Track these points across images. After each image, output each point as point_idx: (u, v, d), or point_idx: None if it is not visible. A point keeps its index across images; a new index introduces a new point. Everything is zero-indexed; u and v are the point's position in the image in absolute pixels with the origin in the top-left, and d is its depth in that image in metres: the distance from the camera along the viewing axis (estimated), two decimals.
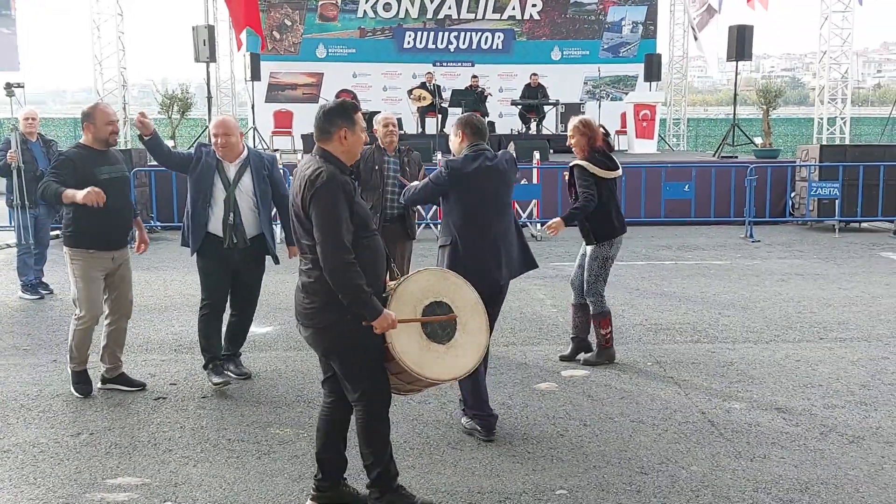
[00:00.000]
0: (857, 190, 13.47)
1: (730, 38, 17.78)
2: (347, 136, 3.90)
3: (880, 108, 47.90)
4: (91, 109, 5.77)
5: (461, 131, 5.22)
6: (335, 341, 3.90)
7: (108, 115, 5.77)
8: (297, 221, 3.91)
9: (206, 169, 5.92)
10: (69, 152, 5.77)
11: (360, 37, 22.11)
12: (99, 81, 18.34)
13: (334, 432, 4.14)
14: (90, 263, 5.71)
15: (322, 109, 3.99)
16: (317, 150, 3.96)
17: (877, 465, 4.61)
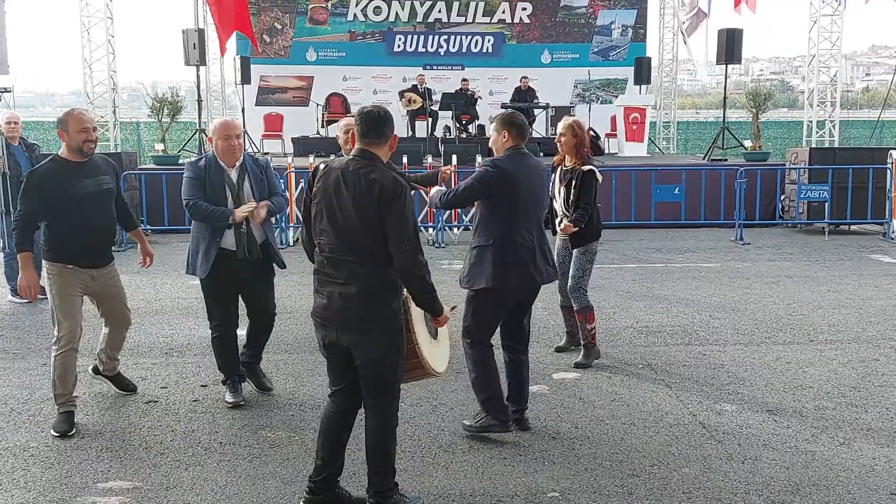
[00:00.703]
0: (847, 192, 13.52)
1: (719, 41, 17.83)
2: (393, 143, 4.04)
3: (869, 111, 48.12)
4: (64, 116, 5.27)
5: (505, 130, 5.14)
6: (387, 344, 3.97)
7: (81, 121, 5.25)
8: (350, 226, 3.87)
9: (216, 181, 5.53)
10: (37, 171, 5.26)
11: (351, 40, 22.10)
12: (89, 84, 18.28)
13: (343, 437, 4.15)
14: (67, 279, 5.29)
15: (378, 112, 4.00)
16: (364, 154, 3.94)
17: (868, 467, 4.63)
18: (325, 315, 3.99)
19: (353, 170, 3.89)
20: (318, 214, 3.99)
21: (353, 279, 3.89)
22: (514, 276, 5.04)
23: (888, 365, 6.54)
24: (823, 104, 19.77)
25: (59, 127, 5.24)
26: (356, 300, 3.89)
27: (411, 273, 3.90)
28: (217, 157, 5.59)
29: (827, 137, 19.57)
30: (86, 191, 5.25)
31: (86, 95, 18.40)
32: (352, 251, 3.88)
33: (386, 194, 3.81)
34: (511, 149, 5.13)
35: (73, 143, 5.23)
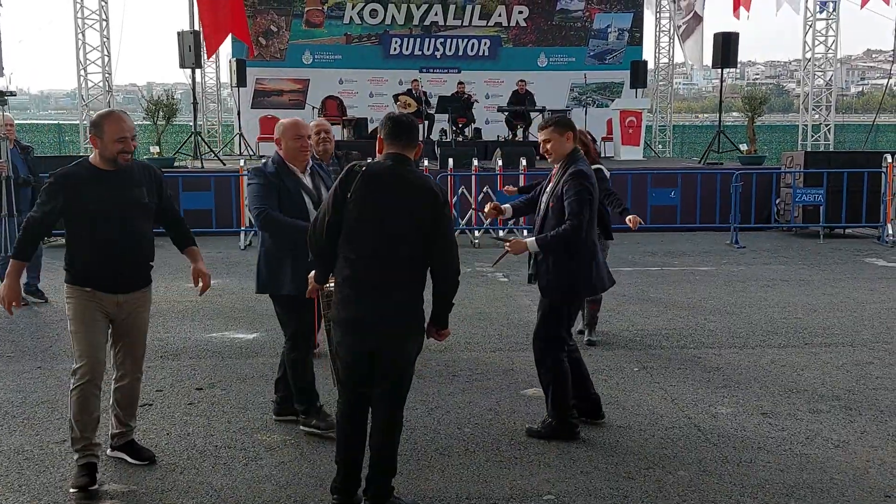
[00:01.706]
0: (842, 196, 13.55)
1: (715, 45, 17.88)
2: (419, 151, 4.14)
3: (864, 116, 48.18)
4: (100, 119, 4.49)
5: (570, 132, 5.13)
6: (418, 346, 4.07)
7: (120, 127, 4.46)
8: (400, 230, 3.87)
9: (292, 187, 5.03)
10: (61, 175, 4.47)
11: (347, 43, 22.13)
12: (83, 87, 18.27)
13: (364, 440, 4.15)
14: (87, 304, 4.51)
15: (408, 118, 4.07)
16: (404, 158, 3.97)
17: (862, 470, 4.64)
18: (364, 322, 3.92)
19: (397, 174, 3.90)
20: (359, 219, 3.89)
21: (398, 285, 3.90)
22: (597, 283, 5.19)
23: (882, 368, 6.55)
24: (819, 108, 19.84)
25: (93, 131, 4.49)
26: (402, 306, 3.93)
27: (455, 278, 4.00)
28: (286, 161, 5.09)
29: (822, 141, 19.63)
30: (114, 204, 4.46)
31: (80, 98, 18.41)
32: (396, 255, 3.88)
33: (438, 199, 3.90)
34: (575, 152, 5.14)
35: (107, 151, 4.46)
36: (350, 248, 3.93)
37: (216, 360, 6.87)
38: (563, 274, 5.06)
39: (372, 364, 4.00)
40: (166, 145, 18.05)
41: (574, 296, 5.18)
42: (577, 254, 5.04)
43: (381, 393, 4.04)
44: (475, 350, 7.10)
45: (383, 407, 4.05)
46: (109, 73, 18.25)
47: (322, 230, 4.00)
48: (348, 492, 4.10)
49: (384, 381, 4.01)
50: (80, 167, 4.53)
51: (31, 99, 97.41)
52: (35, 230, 4.51)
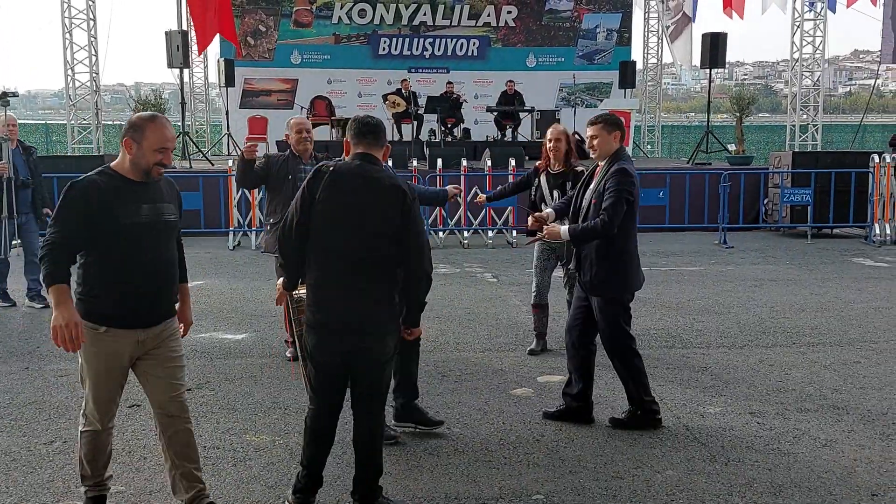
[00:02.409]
0: (829, 196, 13.62)
1: (703, 45, 17.94)
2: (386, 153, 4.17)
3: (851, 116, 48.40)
4: (141, 122, 3.84)
5: (618, 131, 5.21)
6: (393, 345, 4.02)
7: (164, 137, 3.84)
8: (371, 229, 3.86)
9: None
10: (81, 184, 3.74)
11: (335, 43, 22.10)
12: (71, 86, 18.18)
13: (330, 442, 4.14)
14: (104, 347, 3.82)
15: (374, 119, 4.10)
16: (372, 158, 3.98)
17: (849, 469, 4.66)
18: (338, 324, 3.87)
19: (365, 174, 3.89)
20: (329, 220, 3.87)
21: (369, 285, 3.87)
22: (638, 278, 5.31)
23: (869, 367, 6.59)
24: (806, 108, 19.93)
25: (130, 135, 3.82)
26: (375, 306, 3.88)
27: (426, 276, 3.98)
28: None
29: (810, 141, 19.71)
30: (142, 220, 3.82)
31: (68, 97, 18.31)
32: (366, 255, 3.85)
33: (407, 198, 3.88)
34: (620, 151, 5.21)
35: (143, 160, 3.81)
36: (319, 248, 3.91)
37: (204, 360, 6.85)
38: (608, 269, 5.16)
39: (347, 368, 3.95)
40: None
41: (623, 287, 5.26)
42: (621, 250, 5.16)
43: (360, 394, 4.01)
44: (464, 350, 7.11)
45: (363, 409, 4.02)
46: (97, 72, 18.16)
47: (291, 233, 3.97)
48: (310, 492, 4.11)
49: (363, 382, 3.98)
50: (104, 175, 3.81)
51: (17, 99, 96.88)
52: (59, 253, 3.66)
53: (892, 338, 7.46)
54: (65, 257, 3.69)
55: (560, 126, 6.96)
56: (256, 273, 10.48)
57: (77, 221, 3.69)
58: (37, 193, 8.88)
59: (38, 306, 8.66)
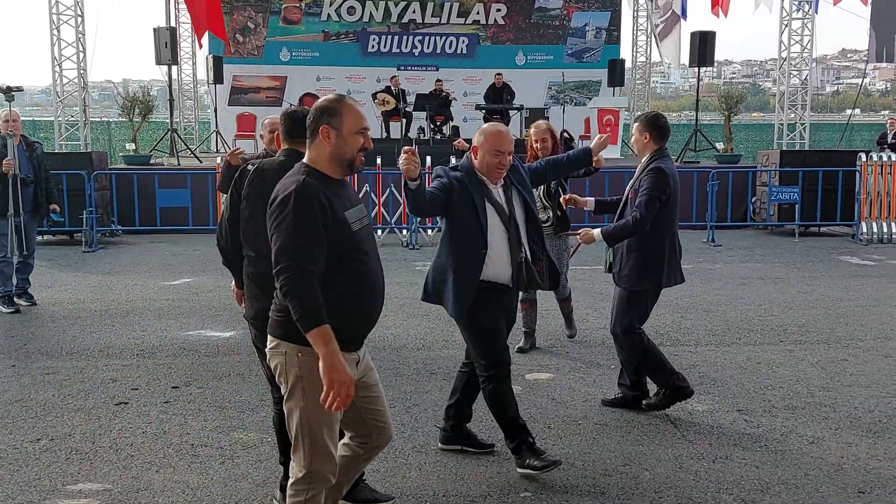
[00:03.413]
0: (817, 195, 13.67)
1: (692, 44, 17.98)
2: None
3: (839, 115, 48.66)
4: (335, 104, 3.31)
5: (647, 132, 5.35)
6: None
7: (361, 115, 3.34)
8: None
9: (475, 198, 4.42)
10: (308, 189, 3.16)
11: (324, 40, 22.03)
12: (58, 83, 18.08)
13: None
14: None
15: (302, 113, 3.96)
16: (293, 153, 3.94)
17: (836, 466, 4.68)
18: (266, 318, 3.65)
19: (285, 170, 3.66)
20: (251, 217, 3.92)
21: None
22: (674, 276, 5.40)
23: (856, 365, 6.62)
24: (794, 107, 20.00)
25: (326, 121, 3.27)
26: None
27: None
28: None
29: (798, 140, 19.79)
30: (360, 225, 3.36)
31: (55, 94, 18.22)
32: None
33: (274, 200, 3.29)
34: (658, 151, 5.36)
35: (346, 149, 3.29)
36: (248, 246, 3.97)
37: (192, 358, 6.83)
38: (634, 264, 5.29)
39: None
40: (142, 142, 17.95)
41: (645, 282, 5.32)
42: (649, 247, 5.27)
43: None
44: (452, 348, 7.10)
45: None
46: (84, 69, 18.06)
47: (225, 230, 4.08)
48: None
49: None
50: (312, 175, 3.25)
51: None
52: (313, 288, 3.10)
53: (878, 336, 7.50)
54: (318, 285, 3.12)
55: (542, 124, 6.95)
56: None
57: (318, 231, 3.14)
58: (40, 190, 8.65)
59: (25, 304, 8.60)
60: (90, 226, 12.46)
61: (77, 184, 12.62)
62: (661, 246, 5.31)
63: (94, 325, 7.89)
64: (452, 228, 4.43)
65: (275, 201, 3.19)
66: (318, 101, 3.41)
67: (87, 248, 12.34)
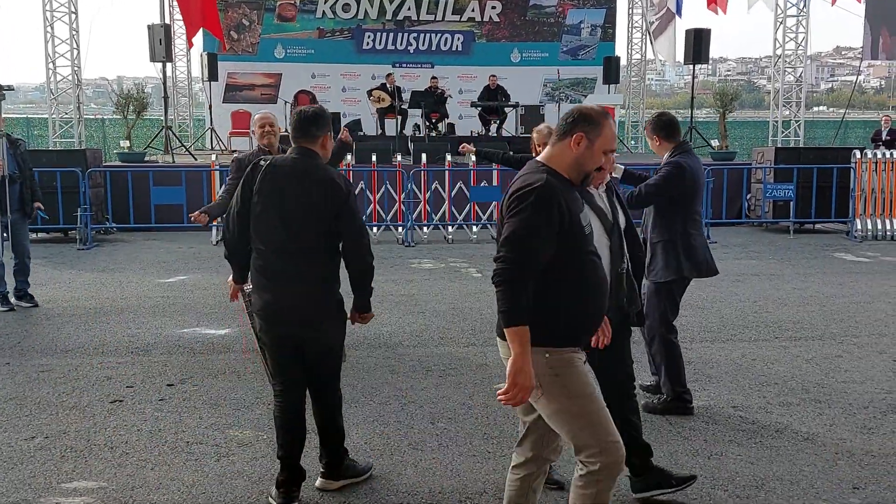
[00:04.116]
0: (811, 192, 13.70)
1: (687, 41, 17.99)
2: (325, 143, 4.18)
3: (834, 112, 48.79)
4: (599, 117, 3.26)
5: (655, 135, 5.43)
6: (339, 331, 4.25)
7: (614, 139, 3.34)
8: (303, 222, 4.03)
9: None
10: (548, 188, 3.11)
11: (319, 37, 21.99)
12: (52, 80, 18.03)
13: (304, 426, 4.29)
14: (577, 365, 3.25)
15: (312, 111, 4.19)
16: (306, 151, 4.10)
17: (831, 462, 4.69)
18: (279, 311, 4.07)
19: (300, 168, 4.04)
20: (263, 211, 4.04)
21: (305, 273, 4.02)
22: (702, 265, 5.41)
23: (851, 361, 6.63)
24: (789, 104, 20.01)
25: (583, 127, 3.22)
26: (310, 293, 4.04)
27: (365, 265, 4.11)
28: None
29: (792, 137, 19.80)
30: (588, 228, 3.30)
31: (49, 91, 18.16)
32: (301, 246, 4.01)
33: (339, 192, 4.00)
34: (678, 147, 5.40)
35: (589, 162, 3.26)
36: (258, 240, 4.09)
37: (187, 355, 6.82)
38: (657, 256, 5.35)
39: (296, 352, 4.15)
40: (137, 140, 17.90)
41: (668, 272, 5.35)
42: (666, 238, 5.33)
43: (311, 377, 4.22)
44: (448, 345, 7.11)
45: (318, 387, 4.25)
46: (79, 66, 18.01)
47: (233, 223, 4.17)
48: (292, 485, 4.19)
49: (312, 365, 4.19)
50: (551, 175, 3.18)
51: None
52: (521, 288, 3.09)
53: (873, 332, 7.51)
54: (531, 285, 3.10)
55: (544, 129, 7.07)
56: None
57: (548, 236, 3.10)
58: (26, 188, 8.60)
59: (27, 305, 8.53)
60: (84, 223, 12.44)
61: (71, 181, 12.59)
62: (676, 240, 5.33)
63: (88, 322, 7.87)
64: None
65: (515, 193, 3.14)
66: (583, 105, 3.38)
67: (81, 246, 12.32)
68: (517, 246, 3.06)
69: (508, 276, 3.07)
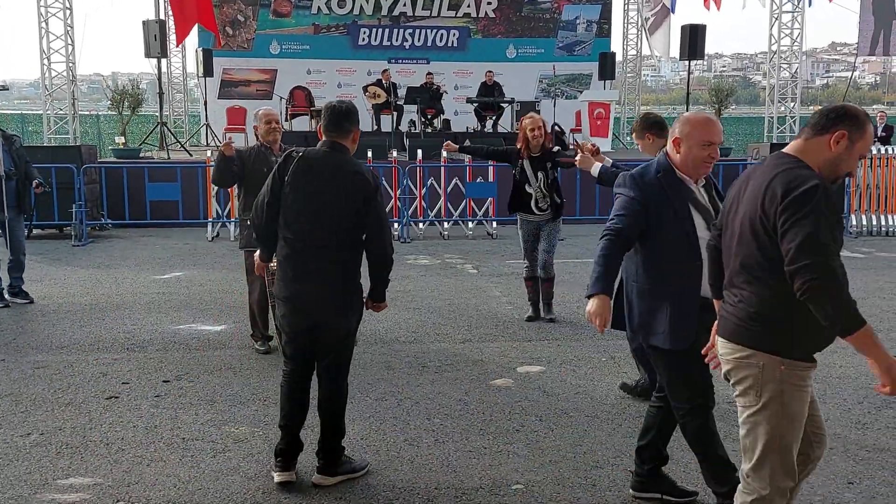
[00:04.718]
0: None
1: (682, 37, 18.00)
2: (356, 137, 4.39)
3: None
4: (864, 118, 3.06)
5: (647, 133, 5.56)
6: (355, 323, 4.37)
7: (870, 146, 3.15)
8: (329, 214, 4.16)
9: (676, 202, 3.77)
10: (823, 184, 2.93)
11: (315, 33, 21.97)
12: (47, 76, 18.00)
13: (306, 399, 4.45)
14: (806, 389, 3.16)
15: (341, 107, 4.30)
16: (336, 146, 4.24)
17: (825, 457, 4.67)
18: (302, 300, 4.22)
19: (331, 162, 4.17)
20: (293, 203, 4.19)
21: (334, 264, 4.18)
22: None
23: (845, 357, 6.63)
24: (784, 100, 20.05)
25: (847, 125, 3.01)
26: (337, 284, 4.20)
27: (387, 258, 4.27)
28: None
29: (788, 133, 19.85)
30: None
31: (44, 87, 18.13)
32: (329, 238, 4.16)
33: (370, 185, 4.15)
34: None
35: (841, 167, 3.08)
36: (287, 229, 4.24)
37: (183, 351, 6.82)
38: None
39: (312, 337, 4.29)
40: (132, 136, 17.90)
41: None
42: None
43: (324, 366, 4.34)
44: (444, 341, 7.11)
45: (327, 378, 4.34)
46: (73, 62, 17.97)
47: (262, 212, 4.31)
48: (290, 455, 4.37)
49: (325, 354, 4.31)
50: (800, 167, 3.01)
51: None
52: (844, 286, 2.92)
53: None
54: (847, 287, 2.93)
55: (537, 118, 7.54)
56: (235, 264, 10.41)
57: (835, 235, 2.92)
58: (21, 184, 8.56)
59: (22, 302, 8.51)
60: (80, 220, 12.41)
61: (66, 177, 12.56)
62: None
63: (84, 319, 7.86)
64: (654, 244, 3.79)
65: (793, 193, 2.88)
66: (847, 104, 3.15)
67: (76, 243, 12.30)
68: (823, 251, 2.82)
69: (828, 284, 2.83)
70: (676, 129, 3.80)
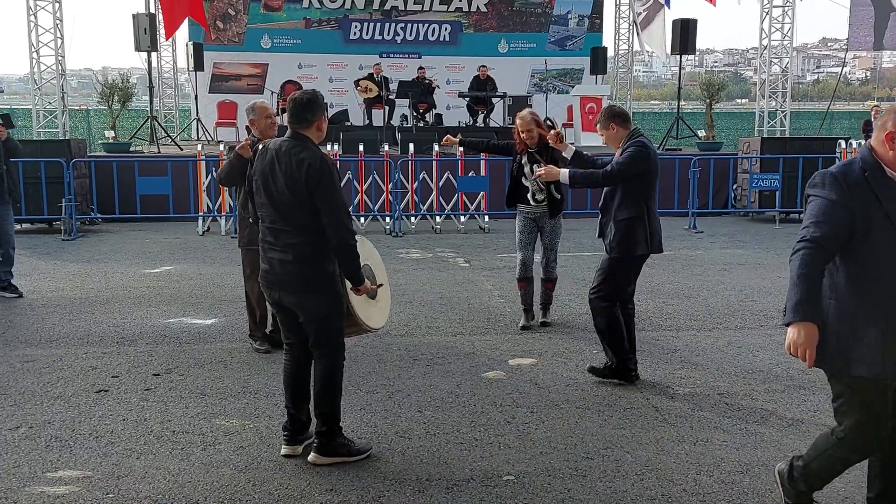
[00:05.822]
0: (797, 182, 13.73)
1: (674, 32, 17.99)
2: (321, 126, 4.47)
3: (819, 103, 48.97)
4: None
5: (612, 123, 5.68)
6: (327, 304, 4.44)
7: None
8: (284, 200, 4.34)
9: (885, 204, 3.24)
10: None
11: (306, 27, 21.89)
12: (36, 70, 17.90)
13: (305, 385, 4.63)
14: None
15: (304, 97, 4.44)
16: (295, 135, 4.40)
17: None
18: (270, 279, 4.49)
19: (284, 150, 4.37)
20: (257, 190, 4.47)
21: (289, 247, 4.37)
22: (655, 240, 5.71)
23: None
24: (775, 95, 20.08)
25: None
26: (292, 266, 4.37)
27: (343, 240, 4.30)
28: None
29: (778, 128, 19.88)
30: None
31: (33, 81, 18.03)
32: (286, 222, 4.36)
33: (314, 171, 4.26)
34: (633, 133, 5.70)
35: None
36: (259, 215, 4.54)
37: (173, 345, 6.80)
38: (623, 233, 5.64)
39: (293, 313, 4.50)
40: (122, 130, 17.79)
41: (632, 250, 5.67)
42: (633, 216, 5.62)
43: (310, 347, 4.55)
44: (436, 334, 7.11)
45: (315, 360, 4.56)
46: (63, 56, 17.88)
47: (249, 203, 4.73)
48: (294, 432, 4.62)
49: (311, 338, 4.50)
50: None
51: None
52: None
53: None
54: None
55: (527, 115, 7.26)
56: (226, 258, 10.40)
57: None
58: (7, 176, 8.47)
59: (10, 296, 8.45)
60: (69, 214, 12.35)
61: (55, 172, 12.50)
62: (643, 217, 5.63)
63: (73, 313, 7.83)
64: (860, 256, 3.27)
65: None
66: None
67: (66, 237, 12.24)
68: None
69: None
70: (889, 123, 3.22)
